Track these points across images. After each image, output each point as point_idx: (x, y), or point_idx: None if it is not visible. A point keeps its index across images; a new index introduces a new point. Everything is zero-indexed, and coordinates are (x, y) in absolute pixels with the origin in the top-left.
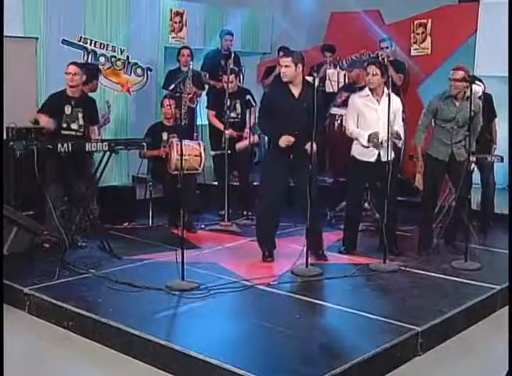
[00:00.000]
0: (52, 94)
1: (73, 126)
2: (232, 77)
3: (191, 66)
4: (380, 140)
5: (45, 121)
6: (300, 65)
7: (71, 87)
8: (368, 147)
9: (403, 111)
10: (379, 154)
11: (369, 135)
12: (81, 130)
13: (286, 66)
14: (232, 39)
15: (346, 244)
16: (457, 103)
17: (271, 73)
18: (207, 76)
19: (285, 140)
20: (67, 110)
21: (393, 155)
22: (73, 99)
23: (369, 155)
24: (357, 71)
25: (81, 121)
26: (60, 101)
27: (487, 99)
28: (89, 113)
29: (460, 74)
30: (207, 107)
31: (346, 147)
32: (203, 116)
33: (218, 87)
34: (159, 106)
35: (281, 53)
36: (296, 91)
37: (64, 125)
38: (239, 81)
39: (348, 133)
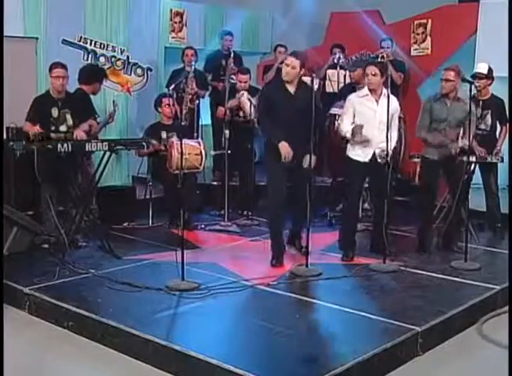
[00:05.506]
0: (37, 98)
1: (62, 128)
2: (246, 77)
3: (193, 67)
4: (362, 131)
5: (34, 131)
6: (303, 69)
7: (58, 91)
8: (360, 142)
9: (401, 111)
10: (373, 154)
11: (353, 129)
12: (71, 131)
13: (293, 67)
14: (232, 39)
15: (345, 247)
16: (448, 104)
17: (269, 71)
18: (210, 77)
19: (285, 150)
20: (54, 112)
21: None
22: (59, 100)
23: (363, 155)
24: (360, 71)
25: (70, 122)
26: (46, 104)
27: (497, 102)
28: (78, 109)
29: (452, 74)
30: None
31: (345, 147)
32: (206, 116)
33: (219, 88)
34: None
35: (280, 49)
36: (291, 88)
37: (53, 128)
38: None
39: (339, 131)
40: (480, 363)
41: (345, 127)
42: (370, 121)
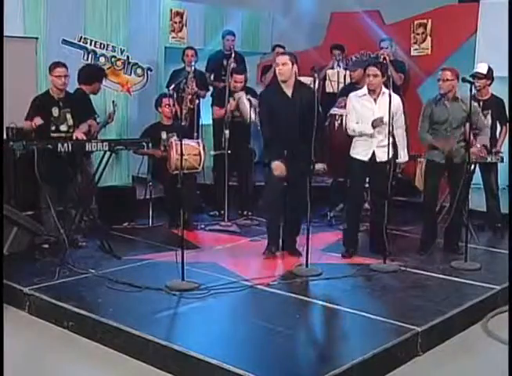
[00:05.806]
0: (37, 97)
1: (63, 128)
2: (241, 77)
3: (193, 67)
4: (383, 122)
5: (38, 121)
6: (295, 65)
7: (59, 89)
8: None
9: (403, 112)
10: (373, 154)
11: (373, 122)
12: (71, 130)
13: (283, 64)
14: (234, 39)
15: (347, 245)
16: (448, 105)
17: (268, 72)
18: (212, 77)
19: (278, 170)
20: (55, 112)
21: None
22: (60, 100)
23: (364, 154)
24: (360, 71)
25: (70, 122)
26: (46, 103)
27: (497, 102)
28: (78, 109)
29: (448, 74)
30: (212, 105)
31: (346, 147)
32: (206, 116)
33: (220, 87)
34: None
35: (278, 49)
36: (288, 91)
37: (53, 128)
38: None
39: (351, 131)
40: (481, 362)
41: (353, 125)
42: (368, 121)
